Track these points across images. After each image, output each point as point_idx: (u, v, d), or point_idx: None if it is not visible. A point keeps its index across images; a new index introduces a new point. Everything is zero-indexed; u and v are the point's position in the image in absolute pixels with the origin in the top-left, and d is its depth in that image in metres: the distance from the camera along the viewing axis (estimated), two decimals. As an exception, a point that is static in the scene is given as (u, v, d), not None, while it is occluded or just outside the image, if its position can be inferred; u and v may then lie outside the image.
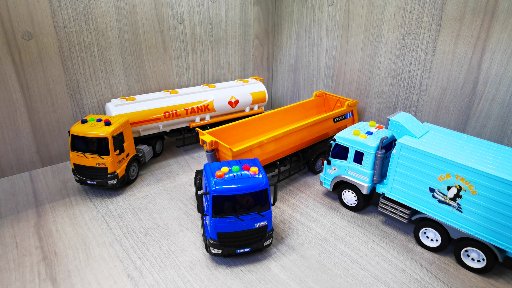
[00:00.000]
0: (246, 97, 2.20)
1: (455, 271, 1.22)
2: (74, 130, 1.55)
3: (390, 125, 1.36)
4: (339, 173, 1.54)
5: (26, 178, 1.80)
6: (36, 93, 1.77)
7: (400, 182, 1.35)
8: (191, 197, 1.64)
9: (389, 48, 1.88)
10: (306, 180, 1.80)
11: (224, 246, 1.20)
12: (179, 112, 1.96)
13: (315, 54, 2.31)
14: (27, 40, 1.67)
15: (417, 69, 1.78)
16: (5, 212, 1.52)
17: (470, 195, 1.17)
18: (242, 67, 2.55)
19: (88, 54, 1.86)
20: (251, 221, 1.18)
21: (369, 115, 2.09)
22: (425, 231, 1.32)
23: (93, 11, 1.81)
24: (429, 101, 1.78)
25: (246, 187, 1.14)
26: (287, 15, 2.44)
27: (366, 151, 1.41)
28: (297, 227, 1.44)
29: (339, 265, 1.23)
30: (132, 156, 1.73)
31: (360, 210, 1.54)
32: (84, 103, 1.94)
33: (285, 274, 1.19)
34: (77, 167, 1.59)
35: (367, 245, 1.34)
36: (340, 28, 2.10)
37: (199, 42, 2.25)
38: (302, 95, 2.53)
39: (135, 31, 1.98)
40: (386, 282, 1.17)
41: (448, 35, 1.63)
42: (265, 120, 1.91)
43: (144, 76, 2.10)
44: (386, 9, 1.83)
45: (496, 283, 1.18)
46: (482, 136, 1.61)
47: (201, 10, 2.19)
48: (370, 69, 2.01)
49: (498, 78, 1.52)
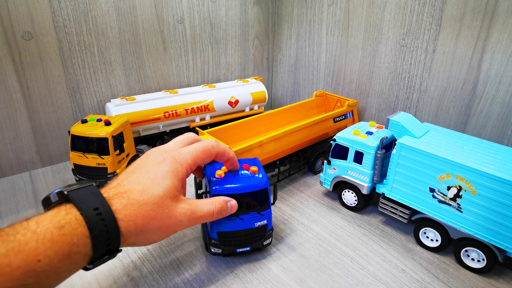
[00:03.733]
0: (246, 97, 2.20)
1: (455, 271, 1.22)
2: (74, 130, 1.55)
3: (390, 125, 1.36)
4: (339, 173, 1.54)
5: (26, 178, 1.80)
6: (36, 93, 1.77)
7: (400, 182, 1.35)
8: (191, 196, 1.63)
9: (389, 48, 1.88)
10: (306, 180, 1.80)
11: (224, 245, 1.20)
12: (179, 112, 1.96)
13: (315, 54, 2.31)
14: (27, 40, 1.68)
15: (417, 69, 1.78)
16: (5, 212, 1.52)
17: (470, 195, 1.16)
18: (242, 67, 2.55)
19: (88, 54, 1.87)
20: (251, 220, 1.18)
21: (369, 115, 2.09)
22: (425, 231, 1.32)
23: (93, 11, 1.81)
24: (429, 101, 1.78)
25: (246, 187, 1.14)
26: (287, 15, 2.44)
27: (366, 151, 1.41)
28: (297, 227, 1.44)
29: (339, 265, 1.23)
30: (132, 156, 1.73)
31: (360, 210, 1.54)
32: (84, 103, 1.94)
33: (285, 274, 1.19)
34: (77, 167, 1.59)
35: (367, 245, 1.34)
36: (340, 28, 2.10)
37: (199, 42, 2.25)
38: (302, 95, 2.53)
39: (135, 31, 1.98)
40: (386, 282, 1.16)
41: (448, 35, 1.63)
42: (265, 120, 1.91)
43: (144, 76, 2.10)
44: (386, 9, 1.83)
45: (496, 283, 1.18)
46: (482, 136, 1.61)
47: (201, 10, 2.19)
48: (370, 69, 2.01)
49: (498, 78, 1.52)
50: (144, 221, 0.89)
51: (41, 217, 0.77)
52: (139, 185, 0.92)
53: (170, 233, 0.99)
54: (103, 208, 0.83)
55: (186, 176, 1.02)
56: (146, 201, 0.90)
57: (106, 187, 0.92)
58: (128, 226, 0.86)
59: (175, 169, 0.98)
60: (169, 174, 0.96)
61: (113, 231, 0.83)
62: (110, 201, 0.86)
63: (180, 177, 0.99)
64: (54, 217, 0.77)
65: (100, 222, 0.81)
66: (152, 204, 0.90)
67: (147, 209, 0.89)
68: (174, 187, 0.96)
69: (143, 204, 0.89)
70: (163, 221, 0.93)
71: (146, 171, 0.95)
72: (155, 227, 0.92)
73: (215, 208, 1.05)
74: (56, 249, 0.73)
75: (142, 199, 0.89)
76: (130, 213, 0.87)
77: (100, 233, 0.81)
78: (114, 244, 0.85)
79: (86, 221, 0.79)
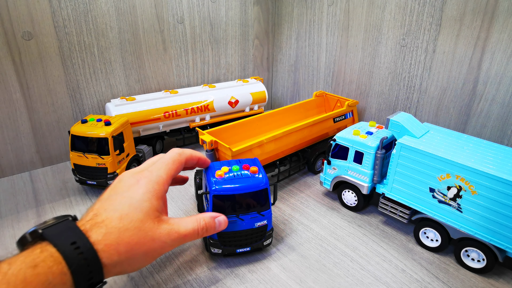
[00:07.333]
0: (246, 97, 2.20)
1: (455, 271, 1.22)
2: (74, 130, 1.55)
3: (390, 125, 1.36)
4: (339, 173, 1.54)
5: (26, 178, 1.80)
6: (36, 93, 1.77)
7: (400, 182, 1.35)
8: (191, 197, 1.64)
9: (389, 48, 1.88)
10: (306, 180, 1.80)
11: (224, 245, 1.20)
12: (179, 112, 1.96)
13: (315, 54, 2.31)
14: (27, 40, 1.68)
15: (417, 69, 1.78)
16: (5, 212, 1.52)
17: (470, 195, 1.16)
18: (242, 67, 2.55)
19: (88, 54, 1.87)
20: (251, 220, 1.18)
21: (369, 115, 2.09)
22: (425, 231, 1.32)
23: (93, 11, 1.81)
24: (429, 101, 1.78)
25: (246, 187, 1.14)
26: (287, 15, 2.44)
27: (366, 151, 1.41)
28: (297, 227, 1.44)
29: (339, 265, 1.23)
30: (132, 156, 1.73)
31: (360, 210, 1.54)
32: (84, 103, 1.94)
33: (285, 274, 1.19)
34: (77, 167, 1.59)
35: (367, 245, 1.34)
36: (340, 28, 2.10)
37: (199, 42, 2.25)
38: (302, 95, 2.53)
39: (135, 31, 1.98)
40: (386, 282, 1.16)
41: (448, 35, 1.63)
42: (265, 120, 1.91)
43: (144, 76, 2.10)
44: (386, 9, 1.83)
45: (496, 283, 1.18)
46: (482, 136, 1.61)
47: (201, 10, 2.19)
48: (370, 69, 2.01)
49: (498, 78, 1.52)
50: (127, 247, 0.86)
51: (14, 258, 0.73)
52: (117, 212, 0.88)
53: (156, 257, 0.95)
54: (80, 242, 0.79)
55: (164, 193, 1.00)
56: (126, 227, 0.87)
57: (83, 220, 0.88)
58: (110, 256, 0.83)
59: (151, 188, 0.95)
60: (146, 196, 0.93)
61: (94, 264, 0.80)
62: (87, 233, 0.83)
63: (159, 195, 0.96)
64: (27, 257, 0.73)
65: (79, 256, 0.77)
66: (133, 229, 0.87)
67: (128, 235, 0.86)
68: (154, 208, 0.93)
69: (123, 230, 0.86)
70: (147, 245, 0.90)
71: (122, 196, 0.92)
72: (140, 252, 0.89)
73: (199, 225, 1.02)
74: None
75: (122, 225, 0.86)
76: (111, 242, 0.84)
77: (79, 267, 0.77)
78: (96, 276, 0.81)
79: (64, 257, 0.75)
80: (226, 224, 1.10)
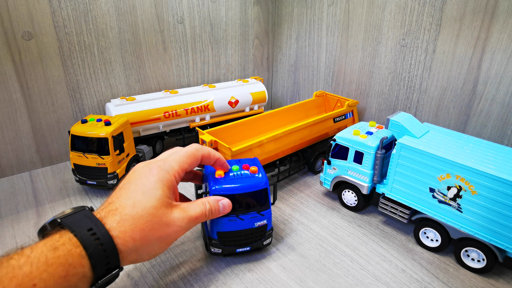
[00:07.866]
0: (246, 97, 2.20)
1: (455, 271, 1.22)
2: (74, 130, 1.55)
3: (390, 125, 1.36)
4: (339, 173, 1.54)
5: (26, 178, 1.80)
6: (36, 93, 1.77)
7: (400, 182, 1.35)
8: (191, 197, 1.63)
9: (389, 48, 1.88)
10: (306, 180, 1.80)
11: (224, 245, 1.20)
12: (179, 112, 1.96)
13: (315, 54, 2.31)
14: (27, 40, 1.68)
15: (417, 69, 1.78)
16: (5, 212, 1.52)
17: (470, 195, 1.16)
18: (242, 67, 2.55)
19: (88, 54, 1.87)
20: (251, 220, 1.18)
21: (369, 115, 2.09)
22: (425, 231, 1.32)
23: (93, 11, 1.81)
24: (429, 101, 1.78)
25: (245, 187, 1.14)
26: (287, 15, 2.44)
27: (366, 151, 1.41)
28: (297, 227, 1.44)
29: (339, 265, 1.23)
30: (132, 156, 1.73)
31: (360, 210, 1.54)
32: (84, 103, 1.94)
33: (285, 274, 1.19)
34: (77, 167, 1.59)
35: (367, 245, 1.34)
36: (340, 28, 2.10)
37: (199, 42, 2.25)
38: (302, 95, 2.53)
39: (135, 31, 1.98)
40: (386, 282, 1.16)
41: (448, 35, 1.63)
42: (265, 120, 1.91)
43: (144, 76, 2.10)
44: (386, 9, 1.83)
45: (496, 283, 1.18)
46: (482, 136, 1.61)
47: (201, 10, 2.19)
48: (370, 69, 2.01)
49: (498, 78, 1.52)
50: (141, 234, 0.89)
51: (36, 244, 0.77)
52: (130, 199, 0.91)
53: (171, 242, 0.98)
54: (96, 228, 0.83)
55: (176, 183, 1.02)
56: (140, 214, 0.89)
57: (98, 209, 0.92)
58: (126, 242, 0.86)
59: (162, 177, 0.97)
60: (158, 184, 0.96)
61: (110, 249, 0.83)
62: (103, 220, 0.86)
63: (170, 184, 0.98)
64: (48, 242, 0.77)
65: (95, 241, 0.81)
66: (147, 215, 0.90)
67: (142, 221, 0.89)
68: (166, 195, 0.96)
69: (137, 217, 0.89)
70: (161, 231, 0.93)
71: (135, 185, 0.95)
72: (154, 238, 0.91)
73: (206, 208, 1.05)
74: (51, 271, 0.73)
75: (136, 212, 0.89)
76: (126, 229, 0.87)
77: (96, 252, 0.80)
78: (113, 262, 0.84)
79: (80, 241, 0.79)
80: (230, 207, 1.12)
